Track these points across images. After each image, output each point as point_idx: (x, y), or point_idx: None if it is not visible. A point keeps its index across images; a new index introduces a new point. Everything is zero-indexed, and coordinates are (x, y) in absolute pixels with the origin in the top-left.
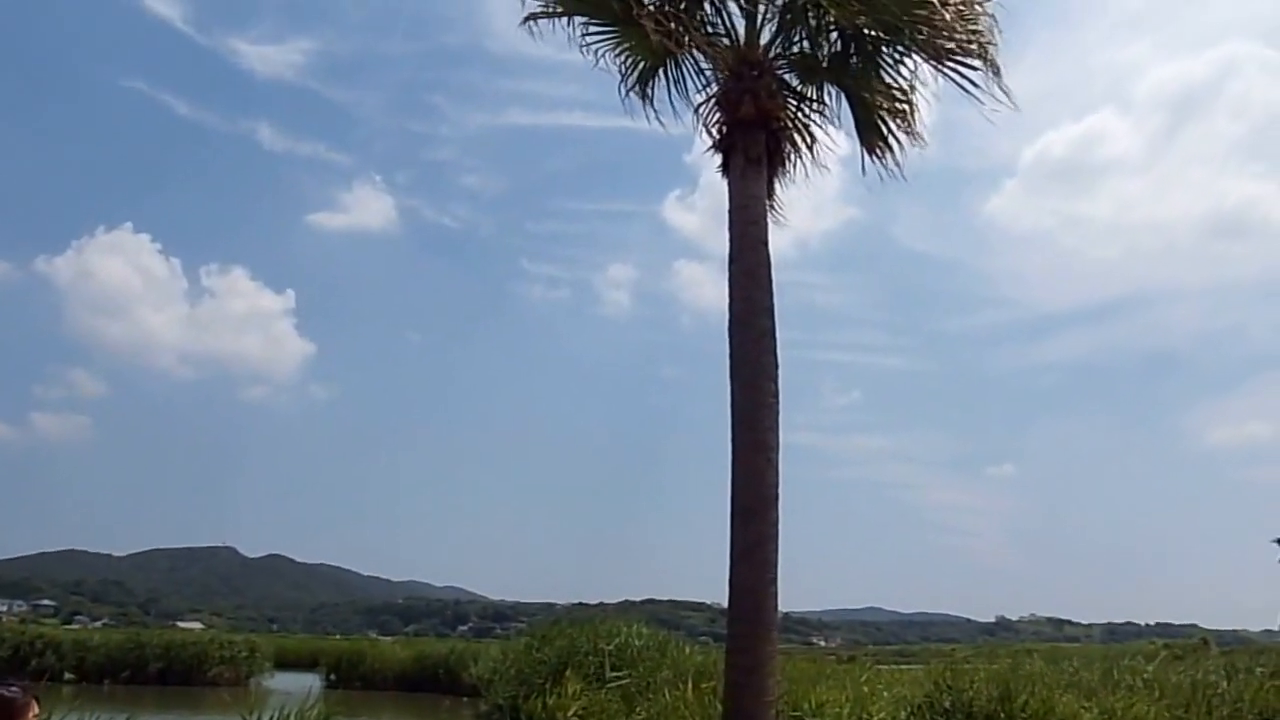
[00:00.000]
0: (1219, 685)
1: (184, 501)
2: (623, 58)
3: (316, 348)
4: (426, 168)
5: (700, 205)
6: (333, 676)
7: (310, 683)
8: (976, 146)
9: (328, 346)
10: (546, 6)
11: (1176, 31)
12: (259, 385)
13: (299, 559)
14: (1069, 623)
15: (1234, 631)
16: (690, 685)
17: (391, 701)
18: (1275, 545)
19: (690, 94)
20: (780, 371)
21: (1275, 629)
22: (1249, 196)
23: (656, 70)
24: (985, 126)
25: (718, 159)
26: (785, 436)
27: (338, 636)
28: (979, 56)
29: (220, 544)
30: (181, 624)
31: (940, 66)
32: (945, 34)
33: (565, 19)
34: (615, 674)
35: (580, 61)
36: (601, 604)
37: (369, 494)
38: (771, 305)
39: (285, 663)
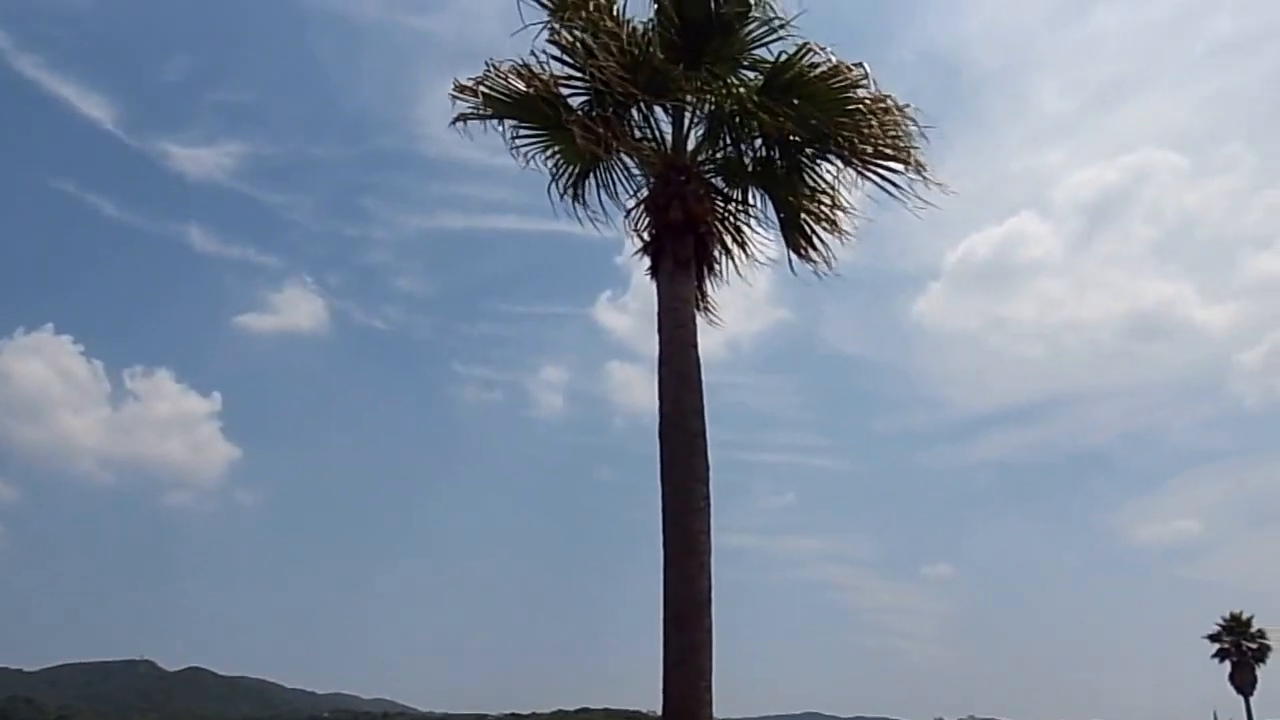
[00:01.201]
0: None
1: (100, 612)
2: (553, 161)
3: (243, 452)
4: (359, 270)
5: (632, 306)
6: None
7: None
8: (902, 249)
9: (255, 450)
10: (476, 109)
11: (1091, 139)
12: (182, 490)
13: (220, 671)
14: None
15: None
16: None
17: None
18: (1207, 641)
19: (620, 197)
20: (712, 473)
21: None
22: (1165, 297)
23: (586, 174)
24: (910, 230)
25: (647, 262)
26: (720, 538)
27: None
28: (902, 160)
29: (138, 657)
30: None
31: (864, 170)
32: (868, 139)
33: (496, 121)
34: None
35: (512, 165)
36: (534, 714)
37: (294, 602)
38: (702, 407)
39: None
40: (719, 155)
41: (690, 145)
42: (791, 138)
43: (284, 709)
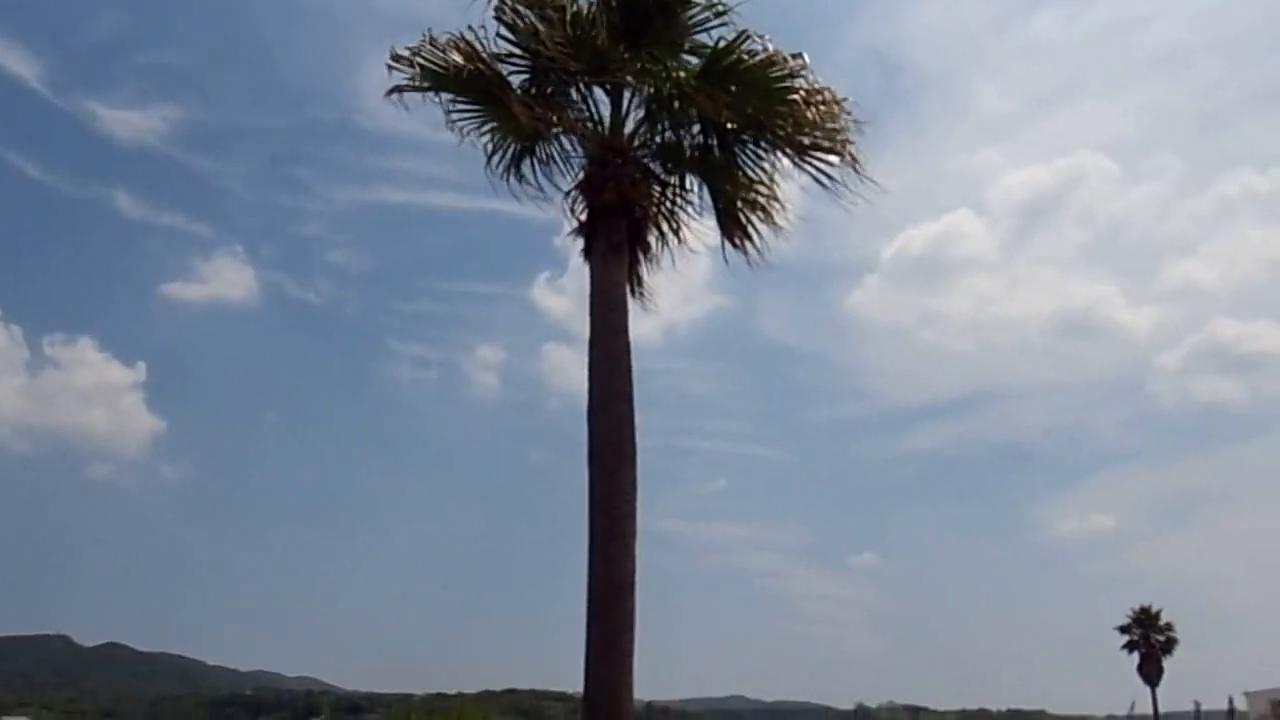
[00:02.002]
0: None
1: (13, 586)
2: (489, 137)
3: (167, 424)
4: (292, 242)
5: (570, 288)
6: None
7: None
8: (839, 241)
9: (180, 423)
10: (413, 81)
11: (1028, 141)
12: (103, 463)
13: (138, 647)
14: (926, 710)
15: (1081, 716)
16: None
17: None
18: (1118, 633)
19: (557, 178)
20: (645, 459)
21: (1119, 714)
22: (1094, 298)
23: (524, 153)
24: (848, 222)
25: (581, 243)
26: (651, 523)
27: None
28: (837, 153)
29: (52, 631)
30: (8, 719)
31: (800, 161)
32: (805, 130)
33: (434, 95)
34: None
35: (452, 141)
36: (460, 694)
37: (217, 578)
38: (630, 392)
39: None
40: (657, 139)
41: (628, 128)
42: (729, 125)
43: (205, 686)
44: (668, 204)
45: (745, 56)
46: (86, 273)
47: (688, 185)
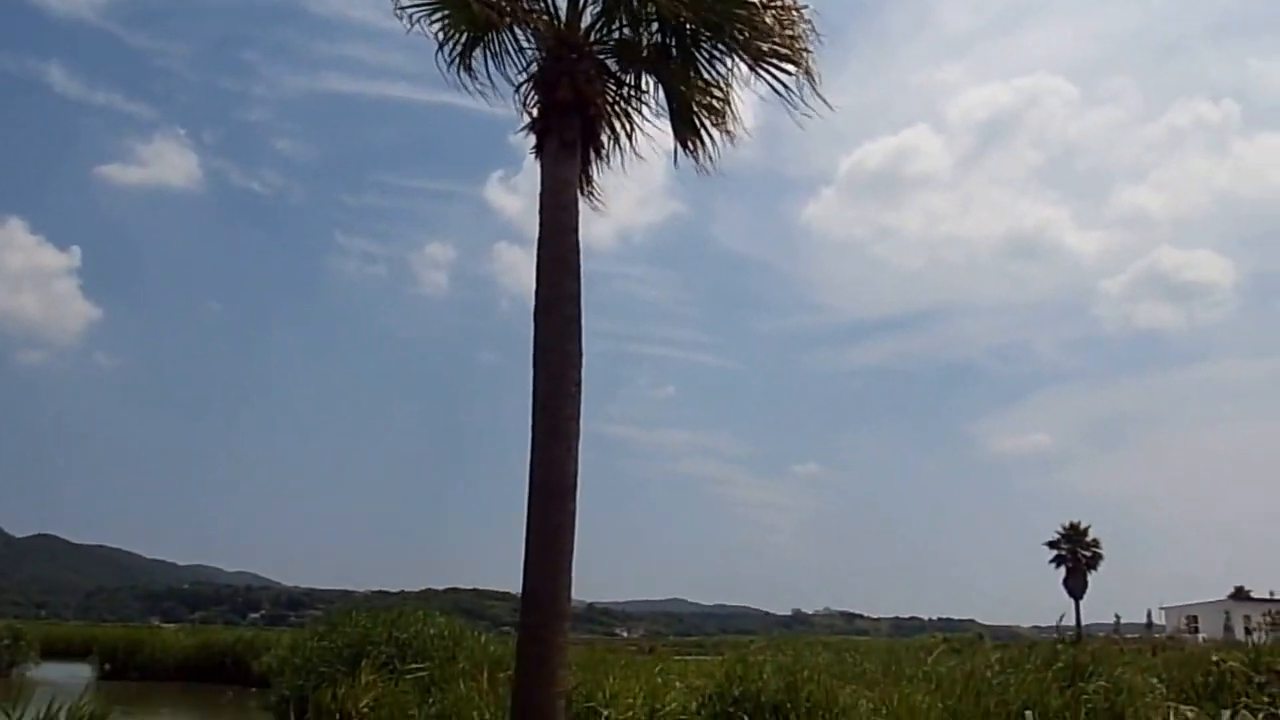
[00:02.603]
0: (990, 677)
1: None
2: (440, 25)
3: (104, 312)
4: (236, 128)
5: (523, 187)
6: (107, 667)
7: (81, 674)
8: (797, 153)
9: (117, 312)
10: None
11: (989, 58)
12: (35, 349)
13: (73, 539)
14: (860, 617)
15: (1007, 627)
16: (486, 675)
17: (173, 693)
18: (1047, 548)
19: (510, 71)
20: (598, 363)
21: (1044, 625)
22: (1044, 220)
23: (476, 43)
24: (806, 134)
25: (532, 140)
26: (600, 427)
27: (115, 624)
28: (794, 62)
29: None
30: None
31: (756, 68)
32: (763, 36)
33: None
34: (410, 665)
35: (405, 29)
36: (403, 592)
37: (154, 472)
38: (578, 293)
39: (54, 652)
40: (613, 36)
41: (584, 22)
42: (687, 25)
43: (142, 579)
44: (623, 103)
45: None
46: (17, 150)
47: (643, 85)
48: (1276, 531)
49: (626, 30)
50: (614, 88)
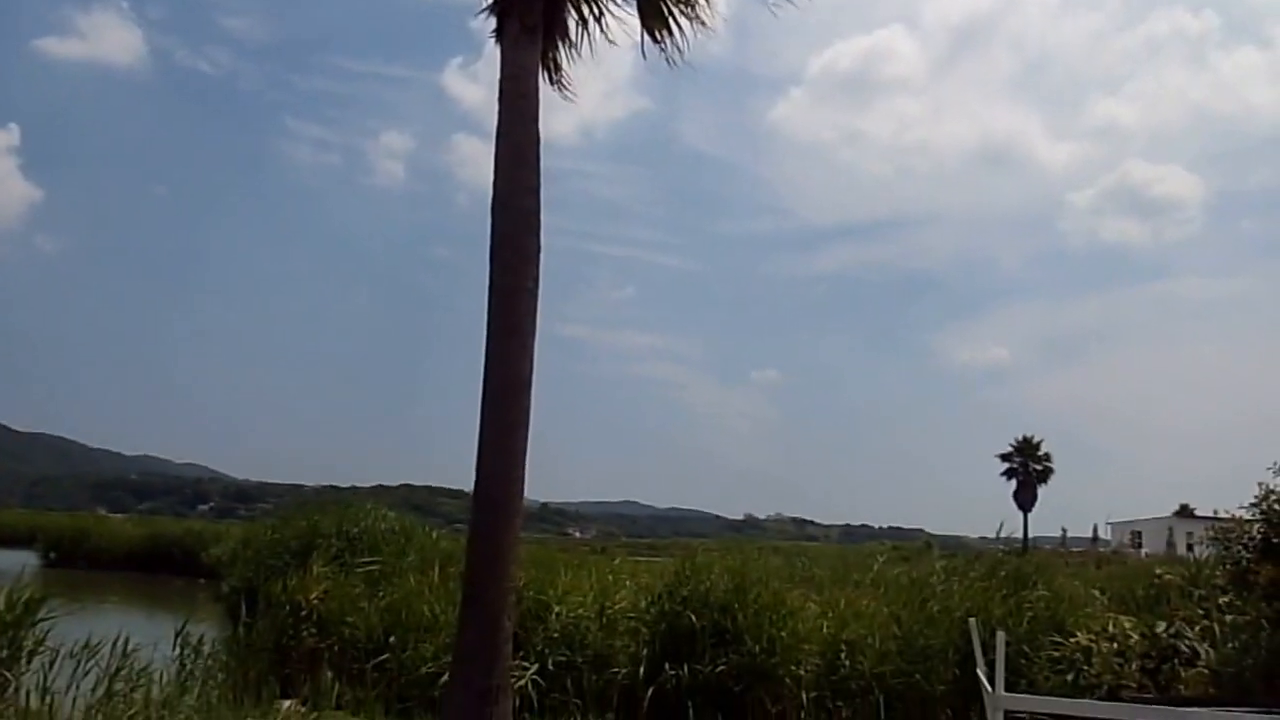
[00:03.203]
0: (935, 584)
1: None
2: None
3: (45, 194)
4: (182, 3)
5: (484, 76)
6: (53, 554)
7: (24, 560)
8: (767, 51)
9: (58, 193)
10: None
11: None
12: None
13: (15, 426)
14: (811, 523)
15: (956, 537)
16: (437, 570)
17: (119, 582)
18: (999, 460)
19: None
20: (550, 261)
21: (991, 536)
22: (1015, 130)
23: None
24: (777, 30)
25: (492, 24)
26: (558, 327)
27: (61, 512)
28: None
29: None
30: None
31: None
32: None
33: None
34: (360, 559)
35: None
36: (354, 487)
37: (99, 360)
38: (537, 186)
39: None
40: None
41: None
42: None
43: (87, 468)
44: None
45: None
46: None
47: None
48: (1224, 451)
49: None
50: None
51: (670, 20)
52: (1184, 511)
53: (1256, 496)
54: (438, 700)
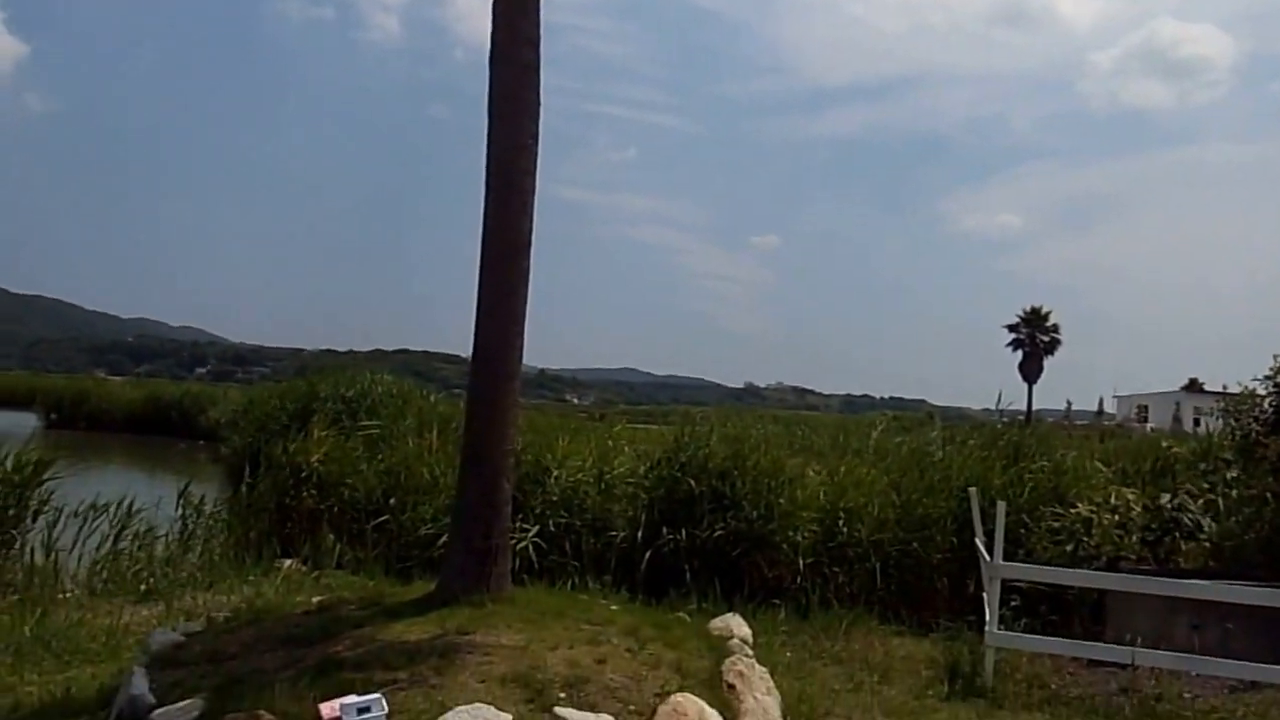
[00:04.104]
0: (935, 453)
1: None
2: None
3: (31, 49)
4: None
5: None
6: (53, 416)
7: (27, 422)
8: None
9: (46, 49)
10: None
11: None
12: None
13: (11, 288)
14: (811, 392)
15: (958, 409)
16: (435, 433)
17: (120, 444)
18: (1005, 331)
19: None
20: (548, 120)
21: (993, 408)
22: None
23: None
24: None
25: None
26: (556, 190)
27: (59, 374)
28: None
29: None
30: None
31: None
32: None
33: None
34: (360, 422)
35: None
36: (352, 351)
37: (93, 221)
38: (537, 37)
39: None
40: None
41: None
42: None
43: (84, 331)
44: None
45: None
46: None
47: None
48: (1238, 320)
49: None
50: None
51: None
52: (1193, 386)
53: (1271, 369)
54: (437, 560)
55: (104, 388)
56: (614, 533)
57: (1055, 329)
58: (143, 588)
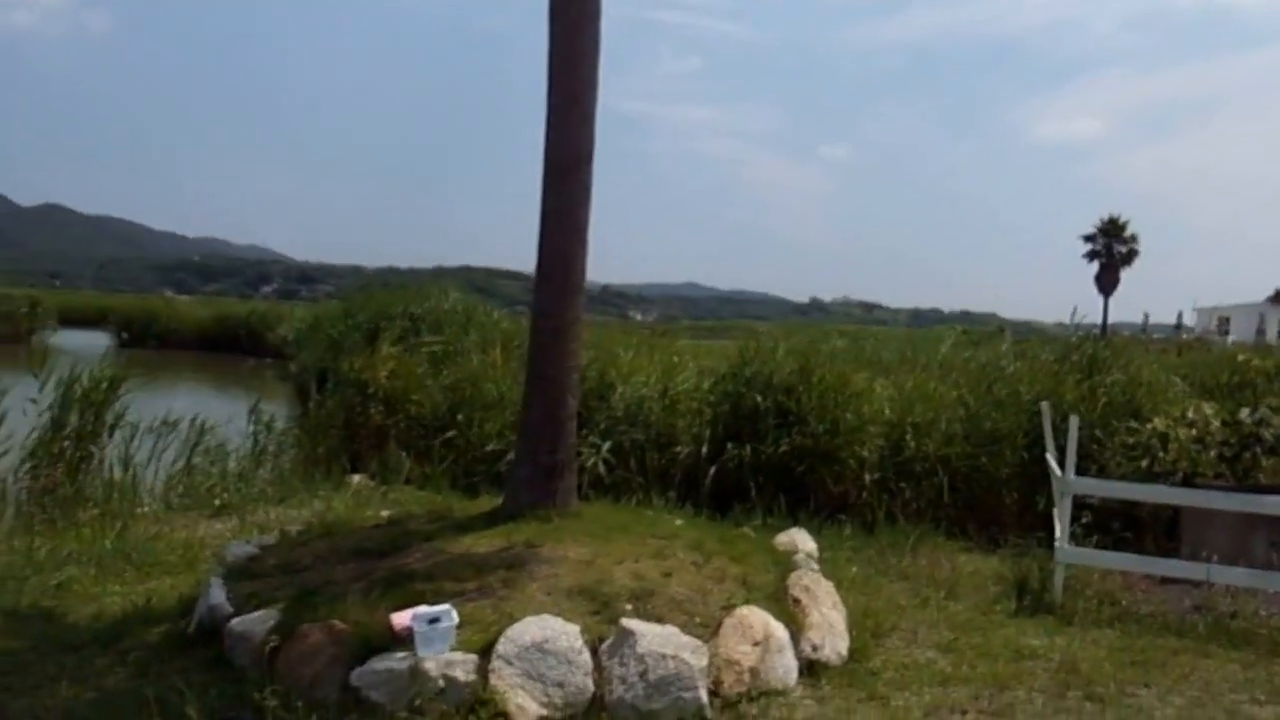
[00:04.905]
0: (1005, 367)
1: None
2: None
3: None
4: None
5: None
6: (125, 335)
7: (100, 341)
8: None
9: None
10: None
11: None
12: (21, 9)
13: (81, 209)
14: (879, 307)
15: (1029, 323)
16: (498, 349)
17: (190, 361)
18: (1081, 241)
19: None
20: (609, 29)
21: (1066, 322)
22: None
23: None
24: None
25: None
26: (616, 103)
27: (129, 294)
28: None
29: None
30: None
31: None
32: None
33: None
34: (425, 339)
35: None
36: (414, 269)
37: (158, 141)
38: None
39: (71, 320)
40: None
41: None
42: None
43: (152, 250)
44: None
45: None
46: None
47: None
48: None
49: None
50: None
51: None
52: (1279, 297)
53: None
54: (503, 475)
55: (173, 307)
56: (678, 448)
57: (1133, 239)
58: (216, 502)
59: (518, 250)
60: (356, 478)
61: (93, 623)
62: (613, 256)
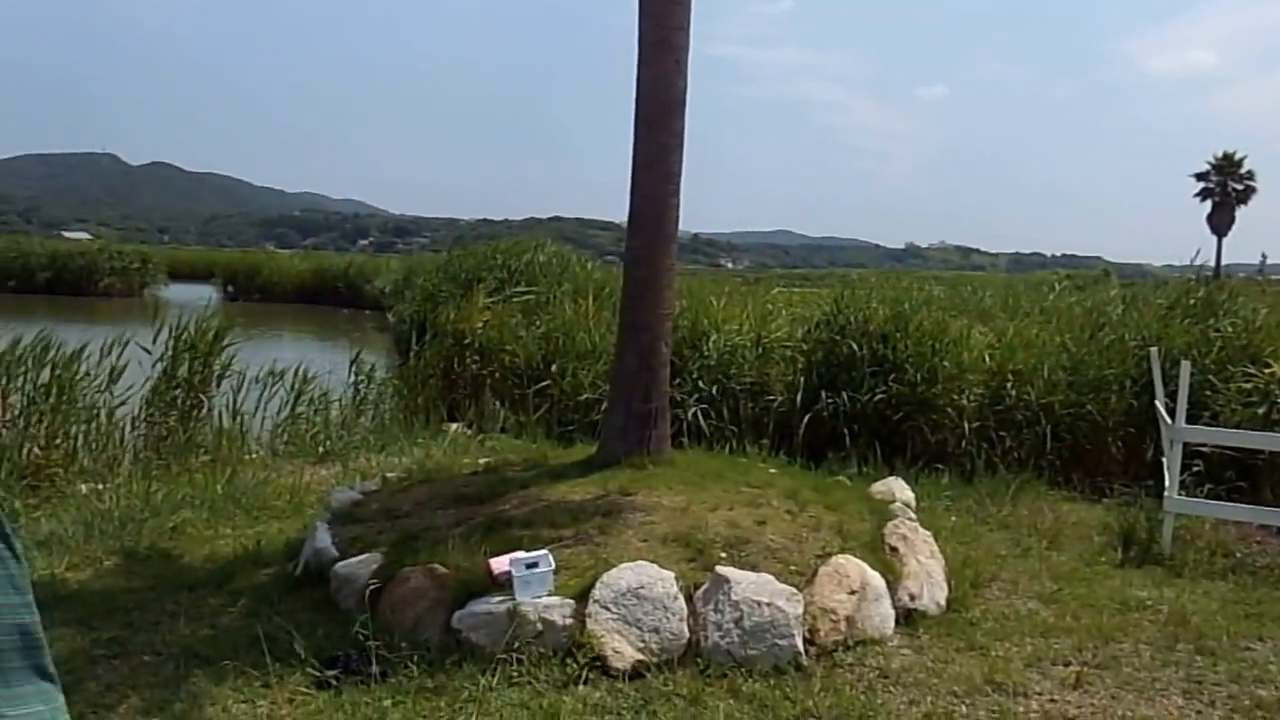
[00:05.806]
0: (1111, 313)
1: (56, 102)
2: None
3: None
4: None
5: None
6: (230, 288)
7: (207, 294)
8: None
9: None
10: None
11: None
12: None
13: (186, 167)
14: (977, 251)
15: (1137, 265)
16: (590, 299)
17: (291, 313)
18: (1194, 180)
19: None
20: None
21: (1177, 264)
22: None
23: None
24: None
25: None
26: (706, 47)
27: (233, 248)
28: None
29: (99, 150)
30: (67, 234)
31: None
32: None
33: None
34: (520, 289)
35: None
36: (507, 220)
37: (259, 99)
38: None
39: (179, 275)
40: None
41: None
42: None
43: (253, 205)
44: None
45: None
46: None
47: None
48: None
49: None
50: None
51: None
52: None
53: None
54: (597, 424)
55: (274, 261)
56: (772, 397)
57: (1250, 176)
58: (320, 449)
59: (611, 200)
60: (454, 426)
61: (205, 564)
62: (704, 205)
